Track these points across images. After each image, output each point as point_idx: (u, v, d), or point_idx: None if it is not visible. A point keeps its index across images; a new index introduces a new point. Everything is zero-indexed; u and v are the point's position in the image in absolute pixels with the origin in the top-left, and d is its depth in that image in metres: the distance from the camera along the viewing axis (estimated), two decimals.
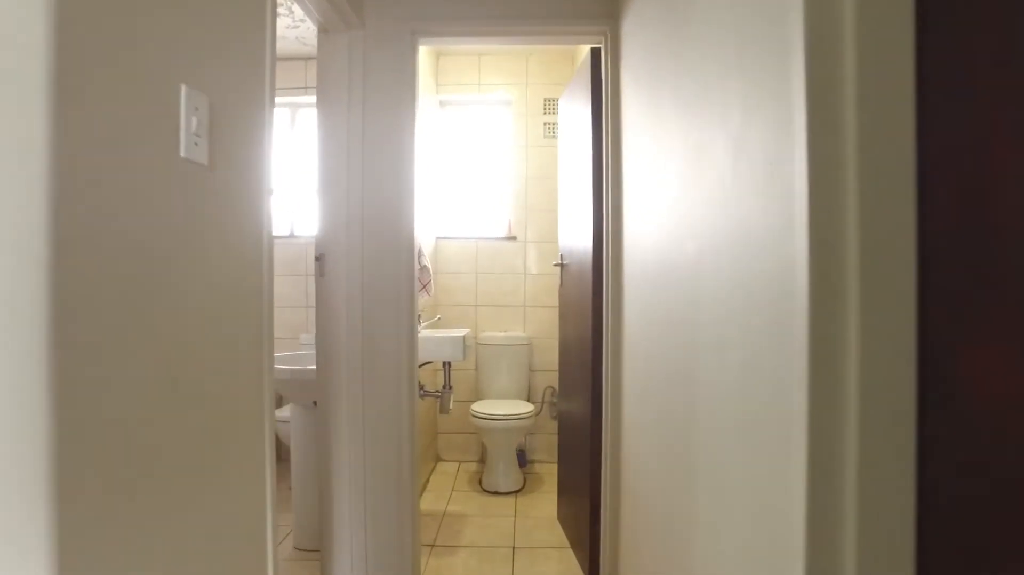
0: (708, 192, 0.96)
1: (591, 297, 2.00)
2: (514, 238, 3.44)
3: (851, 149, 0.59)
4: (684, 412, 1.09)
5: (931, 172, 0.58)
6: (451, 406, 2.78)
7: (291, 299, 3.39)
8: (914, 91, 0.58)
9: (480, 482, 3.02)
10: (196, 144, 0.87)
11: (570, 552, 2.27)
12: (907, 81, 0.58)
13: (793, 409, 0.64)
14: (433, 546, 2.31)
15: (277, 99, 3.42)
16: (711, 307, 0.92)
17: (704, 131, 0.99)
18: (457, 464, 3.38)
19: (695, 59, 1.05)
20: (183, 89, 0.84)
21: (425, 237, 3.05)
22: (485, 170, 3.54)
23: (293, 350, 3.16)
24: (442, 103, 3.52)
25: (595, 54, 2.04)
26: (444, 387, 2.75)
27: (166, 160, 0.81)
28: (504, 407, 2.94)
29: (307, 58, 3.38)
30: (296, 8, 2.75)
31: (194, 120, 0.87)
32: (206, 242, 0.91)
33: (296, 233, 3.44)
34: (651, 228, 1.43)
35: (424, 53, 3.04)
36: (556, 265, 2.59)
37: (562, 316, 2.65)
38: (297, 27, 2.97)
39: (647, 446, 1.46)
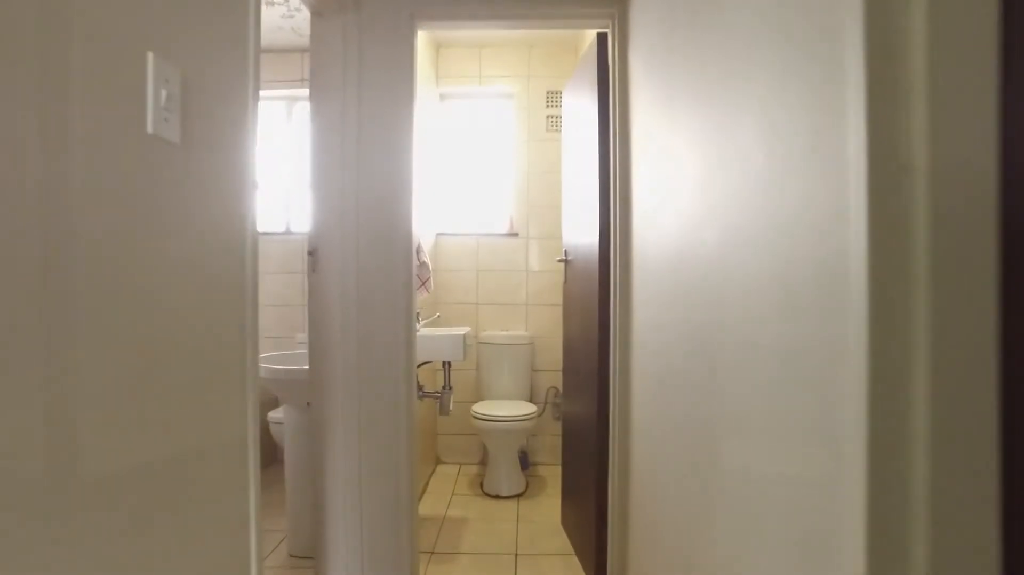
0: (735, 176, 0.87)
1: (597, 293, 1.92)
2: (516, 235, 3.36)
3: (920, 112, 0.50)
4: (704, 412, 1.00)
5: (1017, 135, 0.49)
6: (451, 407, 2.70)
7: (288, 297, 3.30)
8: (998, 36, 0.49)
9: (481, 485, 2.94)
10: (166, 120, 0.79)
11: (575, 559, 2.18)
12: (989, 24, 0.49)
13: (845, 419, 0.55)
14: (432, 553, 2.23)
15: (273, 92, 3.34)
16: (738, 301, 0.84)
17: (729, 111, 0.90)
18: (457, 467, 3.30)
19: (717, 33, 0.96)
20: (150, 58, 0.75)
21: (425, 233, 2.97)
22: (486, 165, 3.45)
23: (290, 349, 3.07)
24: (442, 96, 3.43)
25: (601, 40, 1.95)
26: (444, 387, 2.67)
27: (130, 136, 0.73)
28: (506, 408, 2.85)
29: (303, 50, 3.29)
30: None
31: (164, 93, 0.78)
32: (177, 227, 0.83)
33: (292, 230, 3.35)
34: (665, 219, 1.34)
35: (424, 45, 2.95)
36: (560, 261, 2.50)
37: (566, 314, 2.57)
38: (292, 16, 2.88)
39: (660, 447, 1.37)
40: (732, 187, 0.88)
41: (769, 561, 0.75)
